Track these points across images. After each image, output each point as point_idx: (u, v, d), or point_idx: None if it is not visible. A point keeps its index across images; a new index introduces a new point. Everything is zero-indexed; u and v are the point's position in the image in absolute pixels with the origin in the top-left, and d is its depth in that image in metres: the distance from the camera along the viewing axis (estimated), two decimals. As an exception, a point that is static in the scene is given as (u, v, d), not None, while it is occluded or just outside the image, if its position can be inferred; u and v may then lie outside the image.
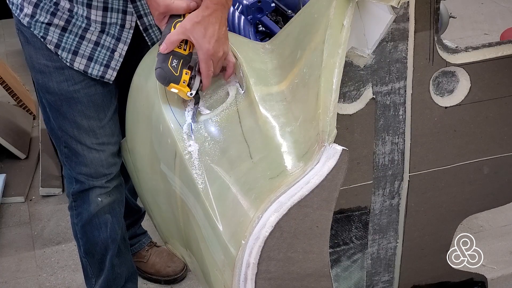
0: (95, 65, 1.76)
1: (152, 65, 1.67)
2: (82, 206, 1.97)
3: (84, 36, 1.72)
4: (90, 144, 1.87)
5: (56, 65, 1.76)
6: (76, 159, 1.90)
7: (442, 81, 1.58)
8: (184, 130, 1.57)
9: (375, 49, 1.48)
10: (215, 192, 1.47)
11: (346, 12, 1.39)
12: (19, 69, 3.90)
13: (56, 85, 1.79)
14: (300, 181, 1.33)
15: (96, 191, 1.94)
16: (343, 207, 1.65)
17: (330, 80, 1.36)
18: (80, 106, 1.82)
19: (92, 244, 2.03)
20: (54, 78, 1.78)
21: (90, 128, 1.85)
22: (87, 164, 1.89)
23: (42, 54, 1.76)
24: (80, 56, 1.74)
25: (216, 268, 1.46)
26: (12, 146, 3.08)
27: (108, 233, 2.01)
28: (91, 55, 1.75)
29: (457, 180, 1.72)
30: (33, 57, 1.78)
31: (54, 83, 1.79)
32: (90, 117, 1.84)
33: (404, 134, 1.60)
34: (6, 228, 2.72)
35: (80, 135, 1.85)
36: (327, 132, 1.33)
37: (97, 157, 1.89)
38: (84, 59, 1.75)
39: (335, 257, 1.72)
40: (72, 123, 1.84)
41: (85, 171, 1.91)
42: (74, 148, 1.88)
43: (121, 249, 2.08)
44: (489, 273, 2.13)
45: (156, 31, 1.81)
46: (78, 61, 1.75)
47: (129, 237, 2.35)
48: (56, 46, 1.73)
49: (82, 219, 1.99)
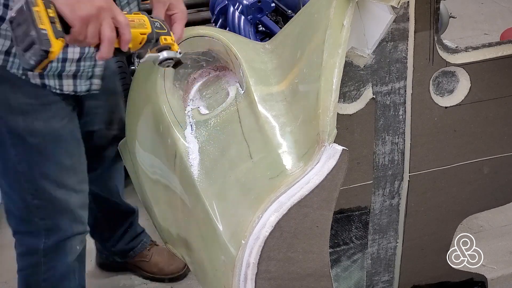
0: (81, 81, 1.65)
1: (151, 66, 1.67)
2: (56, 259, 1.82)
3: (66, 58, 1.59)
4: (72, 184, 1.75)
5: (43, 101, 1.63)
6: (52, 207, 1.75)
7: (442, 81, 1.58)
8: (184, 130, 1.57)
9: (375, 49, 1.48)
10: (215, 192, 1.47)
11: (346, 12, 1.39)
12: (19, 69, 3.89)
13: (43, 124, 1.65)
14: (300, 181, 1.33)
15: (77, 239, 1.83)
16: (343, 207, 1.65)
17: (330, 80, 1.36)
18: (65, 144, 1.71)
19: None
20: (40, 116, 1.64)
21: (72, 166, 1.74)
22: (67, 209, 1.77)
23: (23, 92, 1.60)
24: (65, 79, 1.62)
25: (216, 268, 1.46)
26: (12, 146, 3.08)
27: (77, 282, 1.90)
28: (75, 73, 1.63)
29: (457, 180, 1.72)
30: (10, 98, 1.60)
31: (41, 122, 1.64)
32: (73, 154, 1.74)
33: (404, 134, 1.60)
34: (6, 228, 2.72)
35: (62, 176, 1.73)
36: (327, 132, 1.33)
37: (77, 199, 1.77)
38: (70, 80, 1.63)
39: (335, 257, 1.72)
40: (55, 164, 1.70)
41: (66, 218, 1.77)
42: (50, 196, 1.72)
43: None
44: (489, 273, 2.13)
45: None
46: (66, 84, 1.63)
47: (130, 239, 2.35)
48: (41, 77, 1.60)
49: (55, 275, 1.84)
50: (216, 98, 1.61)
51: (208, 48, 1.67)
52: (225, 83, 1.62)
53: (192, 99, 1.64)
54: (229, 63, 1.65)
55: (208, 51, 1.67)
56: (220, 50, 1.66)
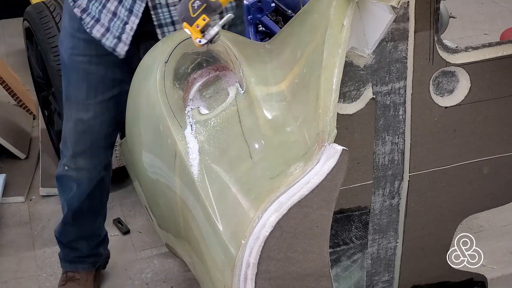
0: (109, 36, 1.79)
1: (152, 65, 1.67)
2: None
3: (106, 5, 1.77)
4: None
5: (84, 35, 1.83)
6: None
7: (442, 81, 1.58)
8: (184, 130, 1.57)
9: (375, 49, 1.48)
10: (215, 192, 1.47)
11: (346, 12, 1.39)
12: (19, 69, 3.89)
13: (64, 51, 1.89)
14: (300, 181, 1.33)
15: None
16: (343, 207, 1.65)
17: (330, 80, 1.36)
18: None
19: None
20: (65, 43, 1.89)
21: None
22: None
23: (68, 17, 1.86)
24: (100, 25, 1.79)
25: (216, 268, 1.46)
26: (12, 146, 3.08)
27: None
28: (108, 25, 1.78)
29: (457, 180, 1.72)
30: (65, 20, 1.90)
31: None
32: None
33: (404, 134, 1.60)
34: (6, 228, 2.72)
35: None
36: (327, 132, 1.33)
37: None
38: (103, 28, 1.79)
39: (335, 257, 1.72)
40: None
41: None
42: None
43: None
44: (489, 273, 2.12)
45: (166, 12, 1.78)
46: (97, 29, 1.79)
47: None
48: (83, 10, 1.79)
49: None
50: (216, 98, 1.61)
51: (208, 48, 1.67)
52: (225, 83, 1.62)
53: (192, 99, 1.64)
54: (229, 63, 1.65)
55: (208, 51, 1.67)
56: (220, 50, 1.66)
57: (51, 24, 2.61)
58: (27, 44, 3.04)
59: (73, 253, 2.24)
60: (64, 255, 2.27)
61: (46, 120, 3.08)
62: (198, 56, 1.67)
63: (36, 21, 2.65)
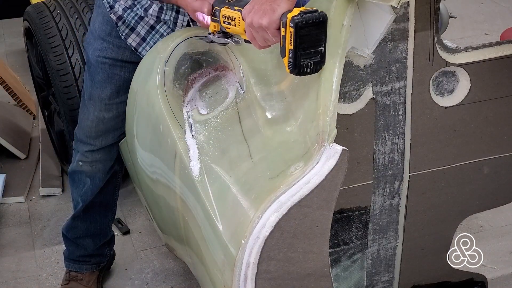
0: (146, 46, 1.85)
1: (152, 65, 1.67)
2: None
3: (144, 18, 1.82)
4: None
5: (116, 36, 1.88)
6: None
7: (442, 81, 1.58)
8: (184, 130, 1.57)
9: (375, 49, 1.48)
10: (215, 192, 1.47)
11: (346, 12, 1.39)
12: (19, 69, 3.90)
13: (91, 52, 1.94)
14: (300, 181, 1.33)
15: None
16: (343, 207, 1.65)
17: (330, 80, 1.36)
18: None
19: None
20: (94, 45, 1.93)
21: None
22: None
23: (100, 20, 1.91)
24: (135, 34, 1.85)
25: (216, 268, 1.46)
26: (12, 146, 3.08)
27: None
28: (145, 36, 1.84)
29: (457, 180, 1.72)
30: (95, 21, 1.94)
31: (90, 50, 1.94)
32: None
33: (404, 134, 1.60)
34: (6, 228, 2.72)
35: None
36: (327, 132, 1.33)
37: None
38: (138, 38, 1.85)
39: (335, 257, 1.72)
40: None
41: None
42: None
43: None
44: (489, 273, 2.13)
45: None
46: (133, 38, 1.85)
47: None
48: (119, 18, 1.84)
49: None
50: (216, 98, 1.61)
51: (208, 48, 1.67)
52: (225, 83, 1.62)
53: (192, 99, 1.64)
54: (229, 63, 1.65)
55: (208, 51, 1.68)
56: (220, 50, 1.66)
57: (51, 24, 2.61)
58: (27, 44, 3.04)
59: (78, 251, 2.24)
60: (69, 253, 2.27)
61: (46, 120, 3.08)
62: (198, 56, 1.67)
63: (36, 21, 2.65)
